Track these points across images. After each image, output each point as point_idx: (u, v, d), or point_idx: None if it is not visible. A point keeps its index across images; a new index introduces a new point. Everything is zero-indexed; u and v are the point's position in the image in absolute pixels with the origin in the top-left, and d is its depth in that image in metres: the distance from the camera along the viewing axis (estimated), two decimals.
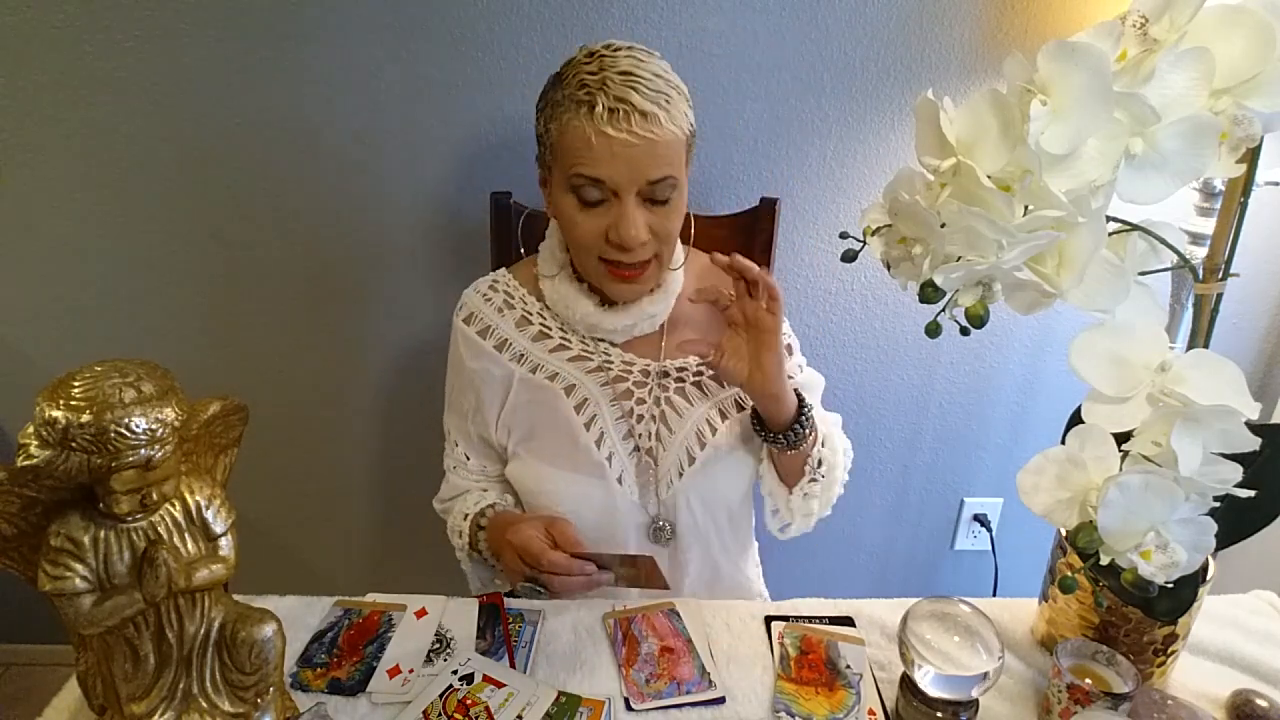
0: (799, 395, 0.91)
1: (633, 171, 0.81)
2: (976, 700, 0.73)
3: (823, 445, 0.95)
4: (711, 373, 0.97)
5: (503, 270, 1.01)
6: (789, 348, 1.01)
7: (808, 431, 0.90)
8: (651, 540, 0.96)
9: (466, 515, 0.97)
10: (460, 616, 0.85)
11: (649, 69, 0.82)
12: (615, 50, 0.83)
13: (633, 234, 0.83)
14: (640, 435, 0.94)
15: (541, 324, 0.96)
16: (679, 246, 0.96)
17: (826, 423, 1.00)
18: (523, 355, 0.95)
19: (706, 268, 1.01)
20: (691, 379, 0.96)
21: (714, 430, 0.94)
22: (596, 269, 0.88)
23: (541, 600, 0.85)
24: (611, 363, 0.95)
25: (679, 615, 0.87)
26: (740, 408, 0.97)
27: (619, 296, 0.92)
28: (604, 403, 0.94)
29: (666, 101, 0.82)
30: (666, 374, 0.96)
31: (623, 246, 0.84)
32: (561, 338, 0.96)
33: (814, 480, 0.94)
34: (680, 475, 0.93)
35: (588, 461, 0.93)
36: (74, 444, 0.54)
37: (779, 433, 0.90)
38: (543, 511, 0.95)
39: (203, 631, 0.64)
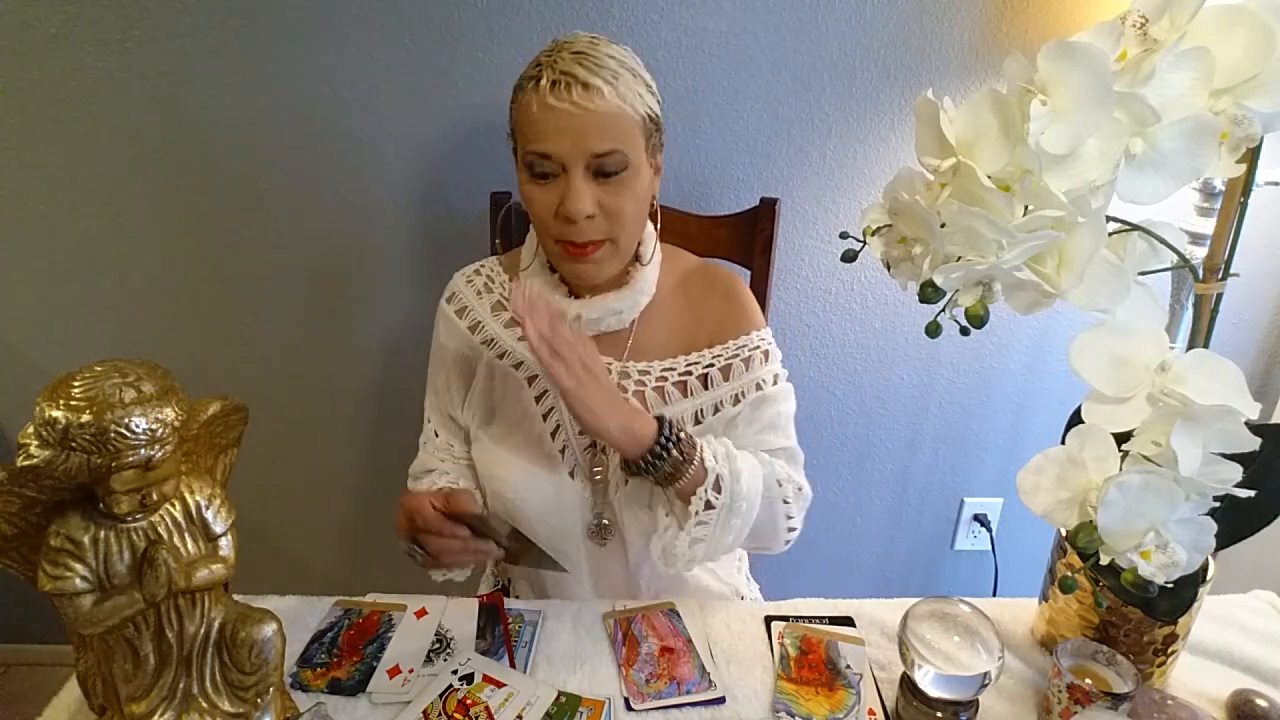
0: (662, 420, 0.82)
1: (576, 143, 0.81)
2: (976, 700, 0.73)
3: (716, 490, 0.81)
4: (678, 377, 0.93)
5: (492, 257, 1.02)
6: (765, 354, 0.94)
7: (672, 457, 0.80)
8: (591, 538, 0.94)
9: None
10: (460, 616, 0.85)
11: (605, 51, 0.83)
12: (577, 36, 0.85)
13: (577, 207, 0.82)
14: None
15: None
16: (654, 243, 0.94)
17: (734, 461, 0.83)
18: (493, 340, 0.95)
19: (692, 269, 0.99)
20: (654, 383, 0.93)
21: None
22: (554, 250, 0.88)
23: (417, 565, 0.79)
24: None
25: (679, 615, 0.87)
26: (699, 420, 0.92)
27: (574, 278, 0.91)
28: None
29: (614, 78, 0.81)
30: (628, 375, 0.93)
31: (569, 219, 0.83)
32: None
33: (702, 523, 0.81)
34: (626, 482, 0.91)
35: (541, 452, 0.93)
36: (74, 444, 0.54)
37: (635, 461, 0.81)
38: (495, 496, 0.95)
39: (203, 631, 0.64)
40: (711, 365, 0.93)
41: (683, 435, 0.82)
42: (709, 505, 0.81)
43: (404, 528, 0.84)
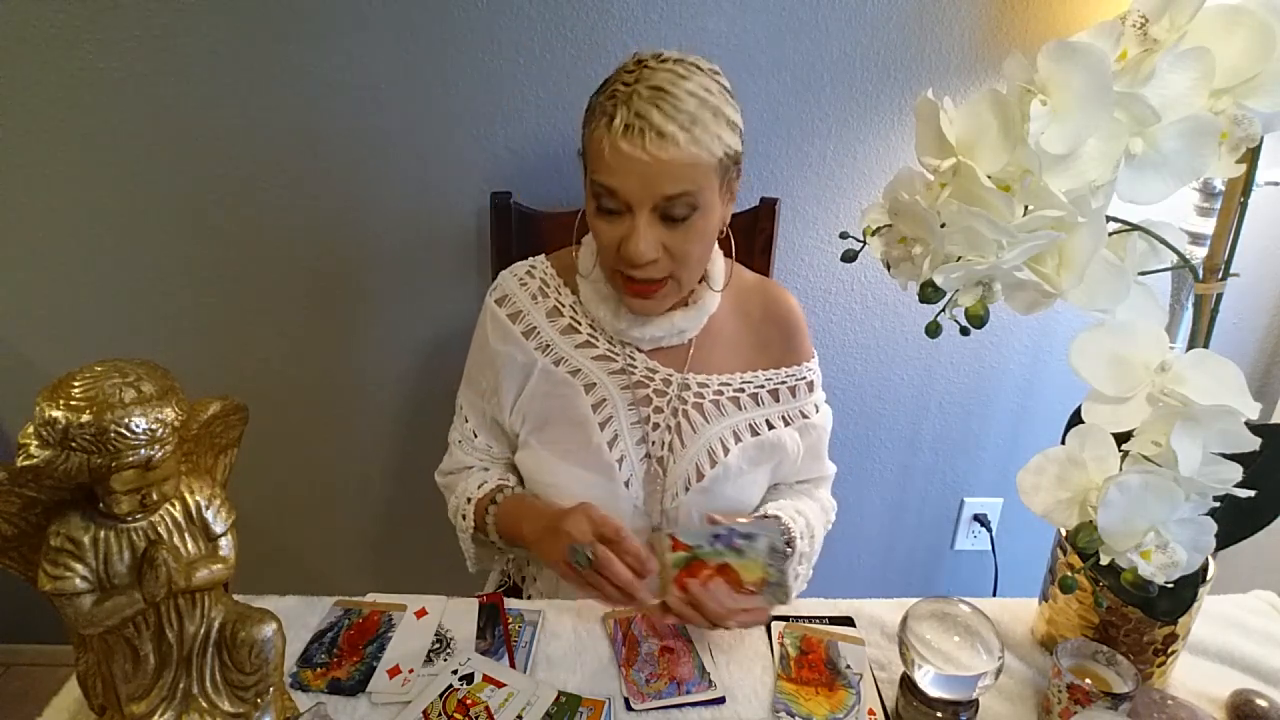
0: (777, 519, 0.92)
1: (645, 187, 0.79)
2: (976, 700, 0.73)
3: (801, 563, 0.96)
4: (733, 392, 0.96)
5: (541, 257, 1.00)
6: (810, 384, 1.00)
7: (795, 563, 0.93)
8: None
9: (470, 499, 0.96)
10: (460, 616, 0.85)
11: (686, 87, 0.78)
12: (661, 61, 0.80)
13: (639, 250, 0.81)
14: (653, 443, 0.94)
15: (572, 318, 0.95)
16: (721, 264, 0.96)
17: (807, 516, 0.98)
18: (548, 346, 0.94)
19: (751, 287, 1.01)
20: (712, 396, 0.95)
21: (726, 450, 0.94)
22: (615, 281, 0.88)
23: (578, 568, 0.77)
24: (635, 367, 0.94)
25: None
26: (755, 433, 0.96)
27: (633, 310, 0.91)
28: (621, 405, 0.93)
29: (691, 123, 0.77)
30: (688, 386, 0.95)
31: (630, 263, 0.83)
32: (589, 334, 0.95)
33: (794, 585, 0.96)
34: (687, 490, 0.93)
35: (598, 461, 0.92)
36: (74, 444, 0.54)
37: None
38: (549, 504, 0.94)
39: (203, 631, 0.64)
40: (763, 387, 0.97)
41: (790, 543, 0.91)
42: (796, 574, 0.95)
43: (585, 531, 0.79)
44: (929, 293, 0.59)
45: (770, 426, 0.97)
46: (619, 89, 0.79)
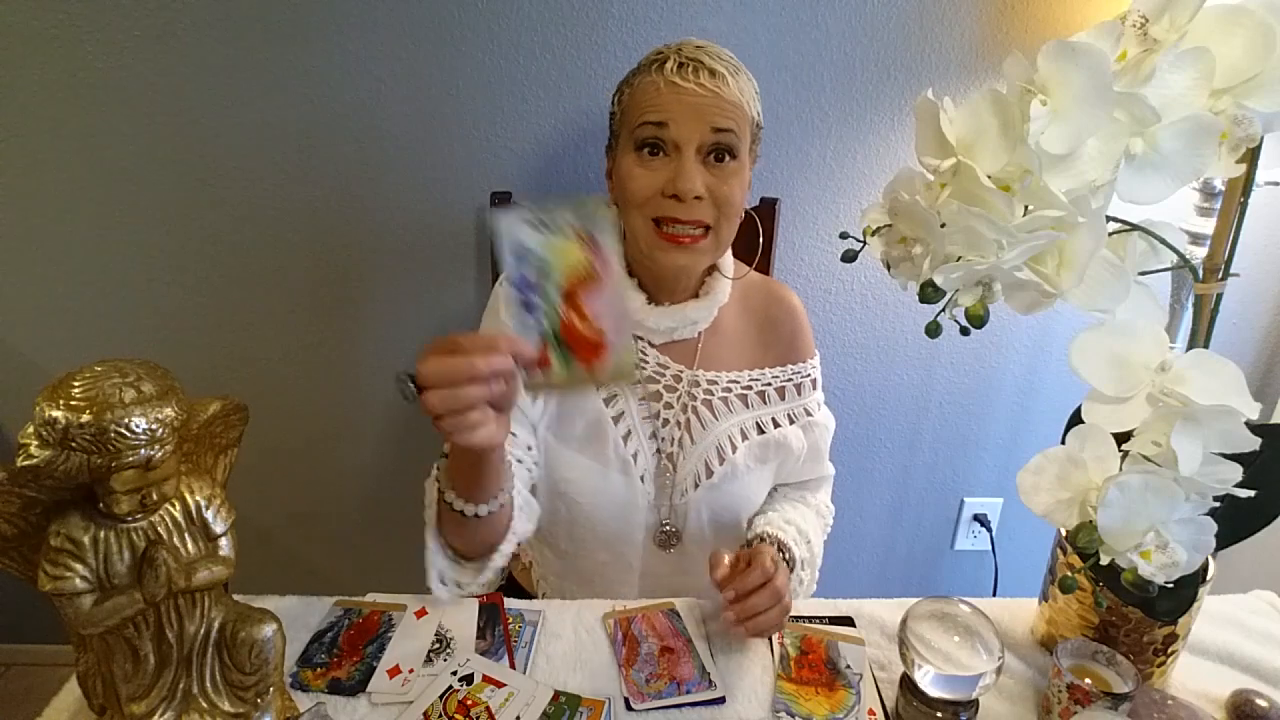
0: (779, 544, 0.91)
1: (697, 118, 0.83)
2: (976, 700, 0.73)
3: (803, 568, 0.95)
4: (740, 390, 0.97)
5: None
6: (814, 381, 1.01)
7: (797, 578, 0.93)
8: (658, 545, 0.97)
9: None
10: (460, 616, 0.85)
11: (721, 50, 0.87)
12: (688, 39, 0.88)
13: (688, 185, 0.83)
14: (664, 439, 0.95)
15: None
16: (731, 260, 0.98)
17: (797, 523, 0.97)
18: None
19: (755, 284, 1.01)
20: (720, 393, 0.96)
21: (734, 448, 0.95)
22: (648, 235, 0.86)
23: (410, 404, 0.65)
24: (646, 362, 0.95)
25: (679, 615, 0.87)
26: (761, 430, 0.97)
27: (668, 265, 0.88)
28: (633, 400, 0.94)
29: (735, 70, 0.86)
30: (697, 383, 0.96)
31: (679, 197, 0.83)
32: None
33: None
34: (695, 486, 0.94)
35: (615, 456, 0.93)
36: (74, 444, 0.54)
37: None
38: (564, 499, 0.94)
39: (203, 631, 0.64)
40: (769, 385, 0.99)
41: (785, 553, 0.91)
42: (800, 579, 0.95)
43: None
44: (929, 293, 0.59)
45: (775, 425, 0.98)
46: (663, 49, 0.87)
